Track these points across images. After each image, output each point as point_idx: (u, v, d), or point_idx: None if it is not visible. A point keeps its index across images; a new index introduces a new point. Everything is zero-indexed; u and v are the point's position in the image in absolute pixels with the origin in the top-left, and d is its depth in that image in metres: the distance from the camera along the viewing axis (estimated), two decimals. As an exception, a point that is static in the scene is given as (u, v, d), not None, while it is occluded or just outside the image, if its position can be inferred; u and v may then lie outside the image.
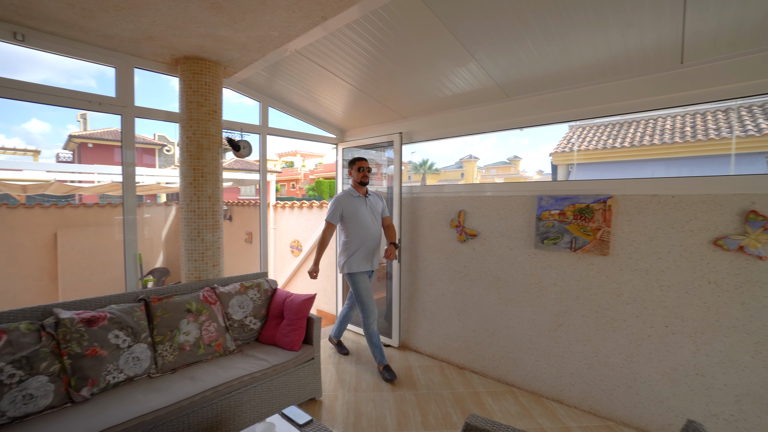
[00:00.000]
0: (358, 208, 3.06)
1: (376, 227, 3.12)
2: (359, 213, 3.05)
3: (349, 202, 3.07)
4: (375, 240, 3.11)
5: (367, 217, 3.06)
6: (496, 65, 2.42)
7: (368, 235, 3.06)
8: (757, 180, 1.94)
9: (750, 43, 1.89)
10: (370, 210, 3.11)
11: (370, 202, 3.12)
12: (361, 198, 3.10)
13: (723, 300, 2.04)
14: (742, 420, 2.02)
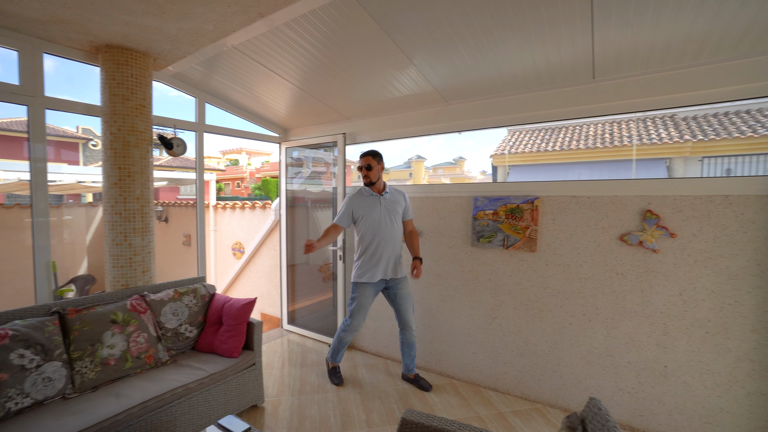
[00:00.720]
0: (371, 208, 2.71)
1: (391, 230, 2.70)
2: (371, 214, 2.70)
3: (362, 201, 2.74)
4: (389, 245, 2.69)
5: (380, 219, 2.69)
6: (434, 71, 2.52)
7: (380, 239, 2.68)
8: (651, 183, 2.23)
9: (645, 65, 2.16)
10: (386, 210, 2.70)
11: (385, 202, 2.72)
12: (375, 197, 2.73)
13: (627, 288, 2.32)
14: (641, 391, 2.31)
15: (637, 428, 2.35)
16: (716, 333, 2.11)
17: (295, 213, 4.22)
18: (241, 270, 5.17)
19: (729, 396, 2.10)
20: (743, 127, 5.73)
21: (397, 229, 2.75)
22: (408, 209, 2.83)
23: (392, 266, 2.74)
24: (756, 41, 1.87)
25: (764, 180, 1.99)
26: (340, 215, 2.77)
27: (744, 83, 2.00)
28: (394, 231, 2.72)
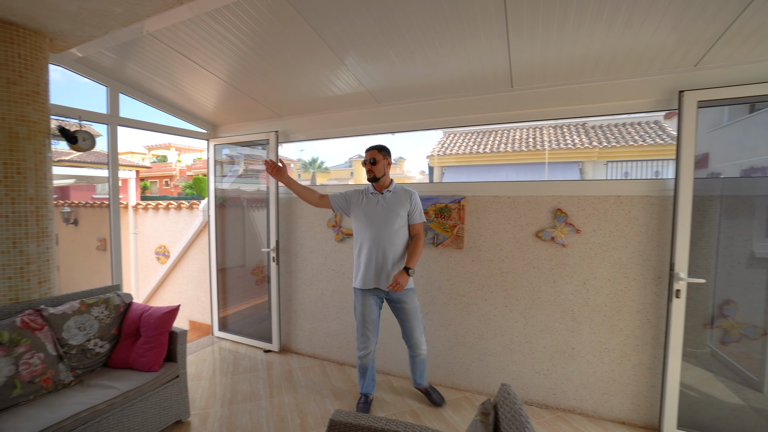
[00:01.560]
0: (367, 206, 2.46)
1: (385, 233, 2.39)
2: (365, 212, 2.45)
3: (361, 196, 2.51)
4: (381, 250, 2.39)
5: (374, 219, 2.41)
6: (366, 73, 2.55)
7: (371, 242, 2.40)
8: (560, 184, 2.49)
9: (554, 78, 2.39)
10: (383, 210, 2.41)
11: (384, 201, 2.43)
12: (375, 195, 2.48)
13: (542, 281, 2.56)
14: (554, 372, 2.57)
15: (551, 405, 2.60)
16: (611, 315, 2.42)
17: (228, 213, 4.00)
18: (166, 275, 4.78)
19: (620, 369, 2.41)
20: (636, 137, 6.67)
21: (396, 233, 2.39)
22: (416, 211, 2.45)
23: (387, 275, 2.39)
24: (635, 64, 2.16)
25: (646, 182, 2.32)
26: (338, 195, 2.56)
27: (628, 99, 2.31)
28: (390, 234, 2.38)
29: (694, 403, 2.30)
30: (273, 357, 3.46)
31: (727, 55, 2.01)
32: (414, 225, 2.46)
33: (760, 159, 3.06)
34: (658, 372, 2.33)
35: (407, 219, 2.45)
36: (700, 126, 3.44)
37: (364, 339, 2.49)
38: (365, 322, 2.48)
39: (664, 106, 2.26)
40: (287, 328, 3.58)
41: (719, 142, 5.23)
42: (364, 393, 2.62)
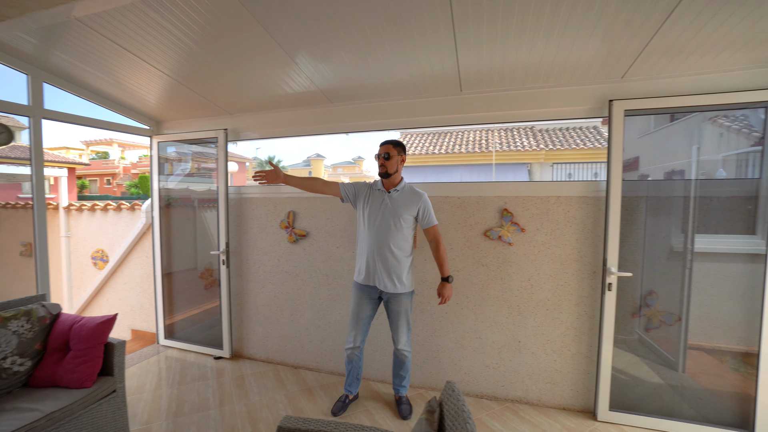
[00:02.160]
0: (373, 202, 2.37)
1: (385, 233, 2.31)
2: (369, 208, 2.37)
3: (369, 192, 2.43)
4: (376, 249, 2.33)
5: (376, 217, 2.33)
6: (317, 72, 2.51)
7: (368, 239, 2.35)
8: (507, 185, 2.61)
9: (498, 83, 2.50)
10: (388, 210, 2.32)
11: (390, 201, 2.34)
12: (382, 193, 2.38)
13: (490, 278, 2.67)
14: (502, 365, 2.69)
15: (500, 397, 2.72)
16: (553, 309, 2.57)
17: (175, 214, 3.77)
18: (104, 282, 4.42)
19: (561, 359, 2.58)
20: (578, 140, 7.17)
21: (398, 234, 2.32)
22: (427, 214, 2.37)
23: (384, 277, 2.34)
24: (572, 74, 2.31)
25: (582, 184, 2.49)
26: (349, 185, 2.47)
27: (566, 106, 2.47)
28: (391, 235, 2.30)
29: (624, 385, 2.51)
30: (224, 364, 3.32)
31: (648, 68, 2.21)
32: (428, 229, 2.39)
33: (678, 163, 3.38)
34: (594, 359, 2.52)
35: (413, 222, 2.38)
36: (631, 132, 3.74)
37: (352, 334, 2.51)
38: (357, 318, 2.48)
39: (597, 113, 2.44)
40: (239, 333, 3.45)
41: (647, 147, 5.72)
42: (346, 391, 2.63)
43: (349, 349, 2.53)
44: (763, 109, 2.21)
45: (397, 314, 2.44)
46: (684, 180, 2.70)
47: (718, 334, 2.41)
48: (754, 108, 2.25)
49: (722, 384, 2.41)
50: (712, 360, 2.48)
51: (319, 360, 3.17)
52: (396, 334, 2.48)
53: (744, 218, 2.32)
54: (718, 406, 2.39)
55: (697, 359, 2.51)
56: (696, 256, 2.45)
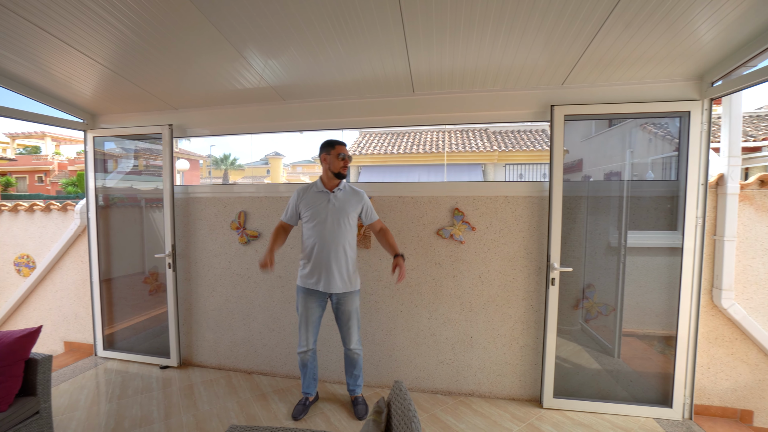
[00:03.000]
0: (318, 205, 2.37)
1: (336, 234, 2.32)
2: (316, 212, 2.36)
3: (309, 197, 2.41)
4: (332, 252, 2.32)
5: (325, 220, 2.33)
6: (268, 68, 2.44)
7: (322, 244, 2.32)
8: (458, 185, 2.69)
9: (449, 85, 2.56)
10: (334, 210, 2.34)
11: (336, 200, 2.36)
12: (325, 193, 2.38)
13: (443, 276, 2.73)
14: (456, 360, 2.77)
15: (454, 392, 2.79)
16: (503, 304, 2.68)
17: (118, 215, 3.50)
18: (30, 291, 4.00)
19: (510, 351, 2.70)
20: (528, 143, 7.56)
21: (346, 234, 2.35)
22: (368, 211, 2.45)
23: (336, 278, 2.34)
24: (517, 79, 2.43)
25: (527, 184, 2.62)
26: (287, 210, 2.47)
27: (513, 109, 2.58)
28: (341, 235, 2.33)
29: (567, 373, 2.67)
30: (171, 373, 3.14)
31: (584, 77, 2.36)
32: (374, 223, 2.48)
33: (615, 165, 3.65)
34: (540, 351, 2.66)
35: (357, 220, 2.44)
36: (576, 136, 3.97)
37: (304, 337, 2.46)
38: (307, 322, 2.44)
39: (540, 117, 2.57)
40: (188, 339, 3.27)
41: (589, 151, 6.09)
42: (304, 393, 2.59)
43: (302, 353, 2.48)
44: (679, 118, 2.44)
45: (349, 314, 2.43)
46: (618, 181, 2.92)
47: (647, 321, 2.64)
48: (672, 117, 2.48)
49: (650, 366, 2.64)
50: (643, 345, 2.71)
51: (274, 364, 3.09)
52: (348, 334, 2.46)
53: (666, 216, 2.55)
54: (645, 386, 2.61)
55: (630, 345, 2.72)
56: (629, 251, 2.66)
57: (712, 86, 2.27)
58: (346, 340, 2.48)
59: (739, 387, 2.56)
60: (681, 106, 2.37)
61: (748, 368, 2.53)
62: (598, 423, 2.47)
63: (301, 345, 2.48)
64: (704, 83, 2.32)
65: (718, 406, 2.59)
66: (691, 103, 2.35)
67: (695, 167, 2.38)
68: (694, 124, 2.36)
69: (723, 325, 2.54)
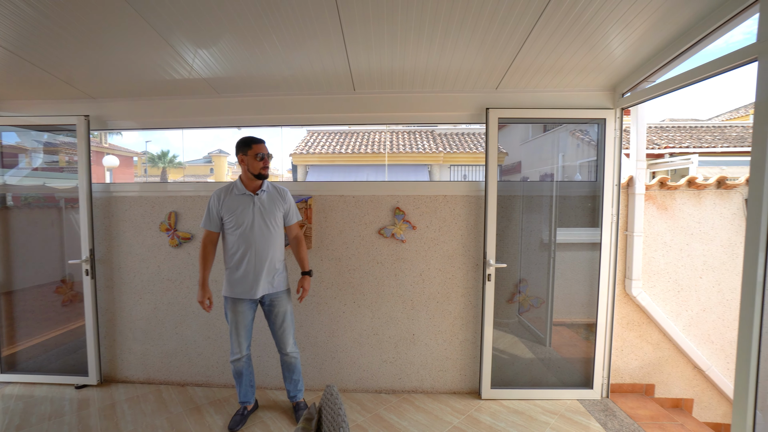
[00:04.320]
0: (242, 210, 2.21)
1: (268, 238, 2.23)
2: (241, 217, 2.20)
3: (230, 201, 2.23)
4: (266, 256, 2.23)
5: (253, 224, 2.21)
6: (199, 59, 2.28)
7: (254, 250, 2.21)
8: (399, 185, 2.72)
9: (389, 85, 2.58)
10: (260, 213, 2.23)
11: (260, 202, 2.24)
12: (248, 196, 2.23)
13: (385, 275, 2.74)
14: (399, 359, 2.80)
15: (398, 390, 2.82)
16: (443, 301, 2.75)
17: (24, 217, 3.07)
18: None
19: (451, 347, 2.78)
20: (472, 145, 7.92)
21: (276, 237, 2.27)
22: (292, 210, 2.36)
23: (264, 282, 2.25)
24: (454, 81, 2.51)
25: (465, 184, 2.71)
26: (207, 216, 2.26)
27: (452, 111, 2.66)
28: (271, 239, 2.24)
29: (503, 364, 2.81)
30: (89, 393, 2.83)
31: (515, 82, 2.50)
32: (292, 226, 2.37)
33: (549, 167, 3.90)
34: (478, 344, 2.77)
35: (282, 220, 2.33)
36: (514, 139, 4.08)
37: (237, 344, 2.33)
38: (238, 329, 2.31)
39: (477, 119, 2.67)
40: (111, 353, 2.97)
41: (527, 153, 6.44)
42: (242, 402, 2.47)
43: (235, 361, 2.35)
44: (597, 125, 2.67)
45: (283, 315, 2.35)
46: (548, 182, 3.13)
47: (574, 311, 2.85)
48: (592, 123, 2.72)
49: (576, 352, 2.86)
50: (571, 333, 2.92)
51: (210, 374, 2.91)
52: (283, 337, 2.37)
53: (589, 214, 2.78)
54: (572, 370, 2.83)
55: (560, 334, 2.93)
56: (558, 247, 2.86)
57: (623, 97, 2.51)
58: (282, 345, 2.39)
59: (644, 365, 2.86)
60: (598, 114, 2.59)
61: (652, 348, 2.85)
62: (530, 409, 2.62)
63: (233, 353, 2.34)
64: (616, 94, 2.56)
65: (629, 383, 2.88)
66: (606, 111, 2.58)
67: (610, 170, 2.62)
68: (609, 130, 2.59)
69: (633, 311, 2.83)
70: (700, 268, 2.83)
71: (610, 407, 2.65)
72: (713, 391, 2.90)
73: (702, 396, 2.91)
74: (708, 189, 2.82)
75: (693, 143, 8.53)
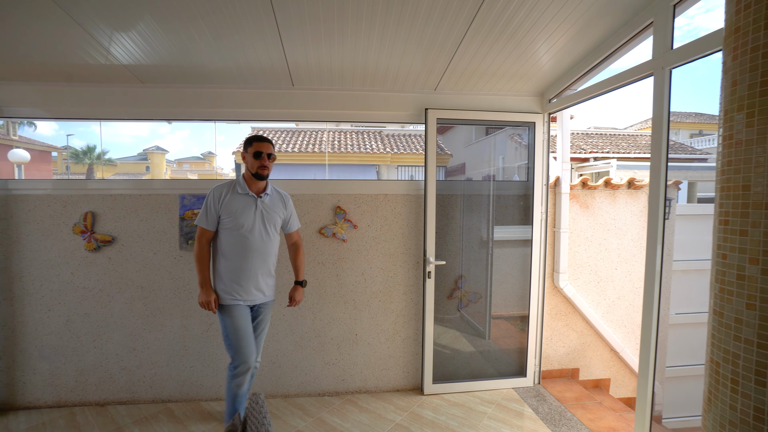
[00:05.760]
0: (244, 211, 2.04)
1: (267, 244, 2.10)
2: (242, 218, 2.03)
3: (232, 200, 2.04)
4: (264, 263, 2.11)
5: (254, 227, 2.05)
6: (118, 44, 2.08)
7: (253, 255, 2.06)
8: (340, 183, 2.68)
9: (329, 82, 2.54)
10: (262, 217, 2.08)
11: (264, 206, 2.09)
12: (251, 198, 2.07)
13: (326, 275, 2.70)
14: (342, 360, 2.76)
15: (341, 391, 2.78)
16: (385, 300, 2.77)
17: None
18: None
19: (393, 345, 2.80)
20: (418, 146, 8.12)
21: (275, 243, 2.16)
22: (293, 217, 2.27)
23: (265, 290, 2.14)
24: (394, 81, 2.53)
25: (405, 183, 2.75)
26: (206, 214, 2.05)
27: (392, 110, 2.69)
28: (270, 245, 2.13)
29: (445, 359, 2.88)
30: (-18, 422, 2.45)
31: (452, 85, 2.59)
32: (293, 233, 2.30)
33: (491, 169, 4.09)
34: (420, 341, 2.81)
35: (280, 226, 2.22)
36: (459, 142, 4.19)
37: (242, 352, 2.04)
38: (240, 334, 2.05)
39: (416, 119, 2.73)
40: (8, 376, 2.59)
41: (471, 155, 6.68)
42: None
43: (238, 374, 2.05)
44: (528, 128, 2.85)
45: (264, 324, 2.24)
46: (486, 181, 3.28)
47: (510, 304, 3.01)
48: (524, 127, 2.89)
49: (513, 343, 3.02)
50: (508, 325, 3.08)
51: (135, 390, 2.65)
52: (258, 346, 2.19)
53: (522, 212, 2.95)
54: (508, 361, 2.98)
55: (498, 326, 3.07)
56: (495, 244, 3.00)
57: (550, 102, 2.70)
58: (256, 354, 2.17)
59: (570, 351, 3.10)
60: (528, 117, 2.76)
61: (576, 335, 3.10)
62: (470, 401, 2.72)
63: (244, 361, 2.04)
64: (544, 99, 2.74)
65: (558, 369, 3.10)
66: (536, 115, 2.76)
67: (539, 170, 2.80)
68: (538, 133, 2.77)
69: (561, 302, 3.06)
70: (615, 260, 3.13)
71: (541, 393, 2.83)
72: (626, 370, 3.22)
73: (617, 375, 3.22)
74: (621, 189, 3.13)
75: (612, 149, 9.49)
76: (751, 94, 1.04)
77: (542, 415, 2.56)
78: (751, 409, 1.02)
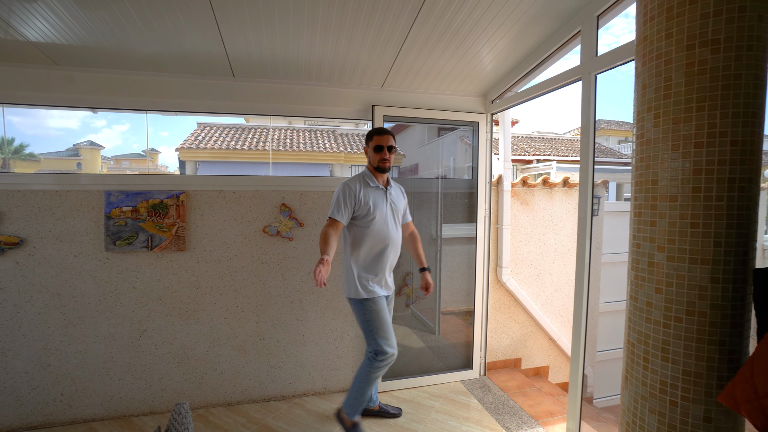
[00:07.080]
0: (377, 203, 2.08)
1: (397, 234, 2.19)
2: (377, 211, 2.08)
3: (366, 193, 2.08)
4: (395, 252, 2.18)
5: (389, 219, 2.13)
6: (24, 17, 1.83)
7: (389, 244, 2.12)
8: (284, 180, 2.59)
9: (272, 74, 2.44)
10: (391, 209, 2.16)
11: (391, 198, 2.17)
12: (381, 190, 2.14)
13: (270, 275, 2.59)
14: (288, 362, 2.67)
15: (288, 395, 2.68)
16: (333, 299, 2.71)
17: None
18: None
19: (342, 344, 2.76)
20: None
21: (401, 234, 2.26)
22: (408, 208, 2.36)
23: (390, 279, 2.24)
24: (340, 76, 2.49)
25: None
26: (338, 207, 2.00)
27: (339, 106, 2.65)
28: (399, 236, 2.21)
29: (393, 356, 2.88)
30: None
31: (399, 82, 2.60)
32: (409, 223, 2.41)
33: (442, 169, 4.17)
34: (369, 339, 2.79)
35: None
36: (412, 143, 4.21)
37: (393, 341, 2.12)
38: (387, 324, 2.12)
39: (363, 115, 2.71)
40: None
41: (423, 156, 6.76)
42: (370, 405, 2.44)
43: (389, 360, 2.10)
44: (472, 128, 2.95)
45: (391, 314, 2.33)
46: (435, 179, 3.34)
47: (458, 300, 3.08)
48: (468, 126, 2.98)
49: (461, 337, 3.10)
50: (457, 320, 3.16)
51: (50, 411, 2.36)
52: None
53: (468, 210, 3.04)
54: (456, 355, 3.05)
55: (448, 322, 3.14)
56: (444, 241, 3.06)
57: (492, 103, 2.81)
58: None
59: (513, 342, 3.26)
60: (473, 117, 2.85)
61: (518, 326, 3.26)
62: (418, 396, 2.75)
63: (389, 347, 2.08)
64: (487, 100, 2.85)
65: (502, 360, 3.24)
66: (479, 115, 2.86)
67: (483, 169, 2.90)
68: (482, 133, 2.87)
69: (504, 295, 3.19)
70: (552, 254, 3.33)
71: (486, 384, 2.93)
72: (563, 357, 3.44)
73: (555, 362, 3.43)
74: (557, 187, 3.34)
75: (553, 152, 10.17)
76: (657, 97, 1.14)
77: (487, 405, 2.65)
78: (658, 383, 1.11)
